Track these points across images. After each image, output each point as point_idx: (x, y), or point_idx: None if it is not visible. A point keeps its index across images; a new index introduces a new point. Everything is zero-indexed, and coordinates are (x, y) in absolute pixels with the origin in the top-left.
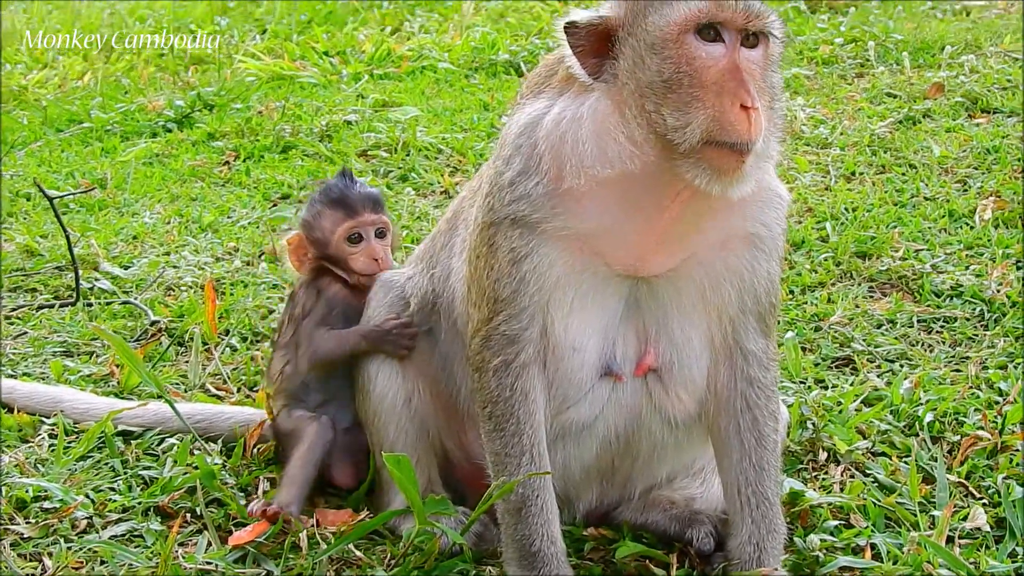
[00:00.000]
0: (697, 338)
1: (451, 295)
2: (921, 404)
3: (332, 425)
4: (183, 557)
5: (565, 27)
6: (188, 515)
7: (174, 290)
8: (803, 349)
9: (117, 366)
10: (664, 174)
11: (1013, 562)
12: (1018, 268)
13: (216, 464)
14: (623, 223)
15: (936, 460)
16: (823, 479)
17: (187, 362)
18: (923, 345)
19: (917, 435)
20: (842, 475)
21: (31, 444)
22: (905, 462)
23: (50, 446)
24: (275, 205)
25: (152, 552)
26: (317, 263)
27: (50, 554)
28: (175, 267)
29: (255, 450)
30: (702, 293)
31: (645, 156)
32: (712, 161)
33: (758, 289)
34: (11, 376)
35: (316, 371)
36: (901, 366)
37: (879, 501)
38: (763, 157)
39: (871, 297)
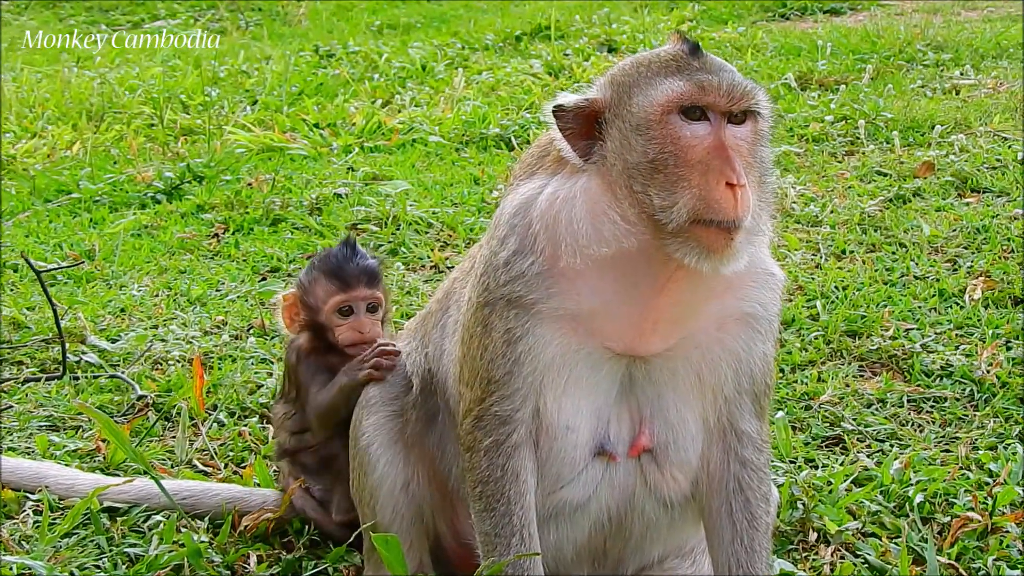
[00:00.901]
0: (692, 419)
1: (444, 375)
2: (911, 485)
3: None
4: None
5: (553, 110)
6: None
7: (162, 364)
8: (793, 428)
9: (103, 441)
10: (658, 253)
11: None
12: (1008, 349)
13: (203, 542)
14: (619, 303)
15: (926, 541)
16: (813, 560)
17: (174, 437)
18: (913, 425)
19: (907, 516)
20: (832, 556)
21: (16, 520)
22: (895, 543)
23: (35, 522)
24: (264, 279)
25: None
26: (307, 325)
27: None
28: (163, 341)
29: (243, 527)
30: (698, 373)
31: (639, 235)
32: (701, 240)
33: (754, 370)
34: None
35: (325, 426)
36: (891, 446)
37: None
38: (754, 233)
39: (861, 376)
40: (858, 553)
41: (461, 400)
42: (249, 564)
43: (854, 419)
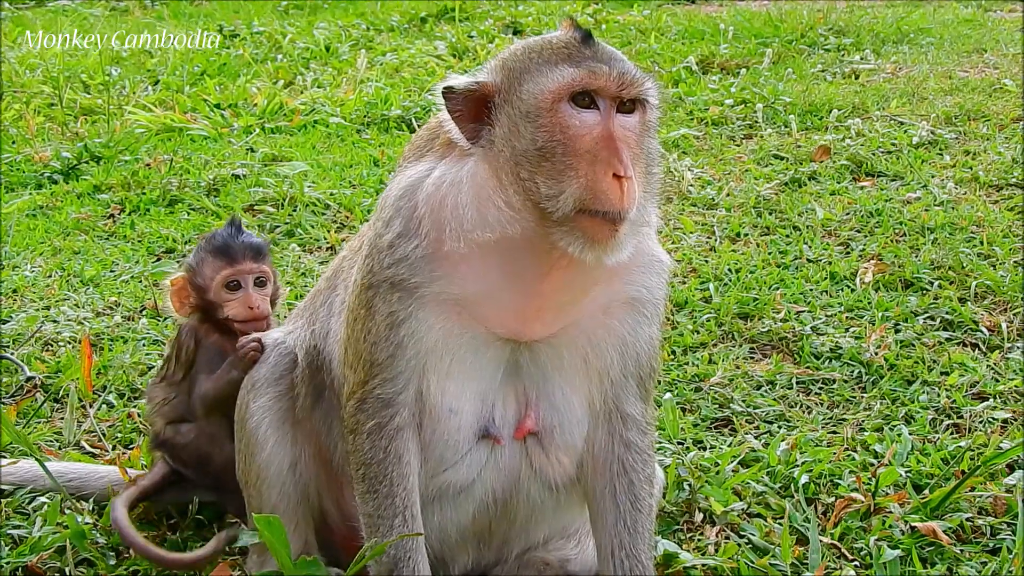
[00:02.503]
0: (578, 402)
1: (329, 354)
2: (797, 466)
3: None
4: None
5: (443, 92)
6: (58, 575)
7: (52, 345)
8: (683, 410)
9: None
10: (542, 241)
11: None
12: (897, 331)
13: (87, 524)
14: (503, 289)
15: (810, 521)
16: (698, 540)
17: (62, 419)
18: (801, 407)
19: (792, 497)
20: (717, 536)
21: None
22: (780, 523)
23: None
24: (159, 259)
25: None
26: (197, 308)
27: None
28: (54, 321)
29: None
30: (584, 357)
31: (524, 222)
32: (586, 230)
33: (640, 353)
34: None
35: (210, 414)
36: (779, 427)
37: (752, 563)
38: (639, 224)
39: (752, 358)
40: (742, 533)
41: (345, 382)
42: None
43: (743, 401)
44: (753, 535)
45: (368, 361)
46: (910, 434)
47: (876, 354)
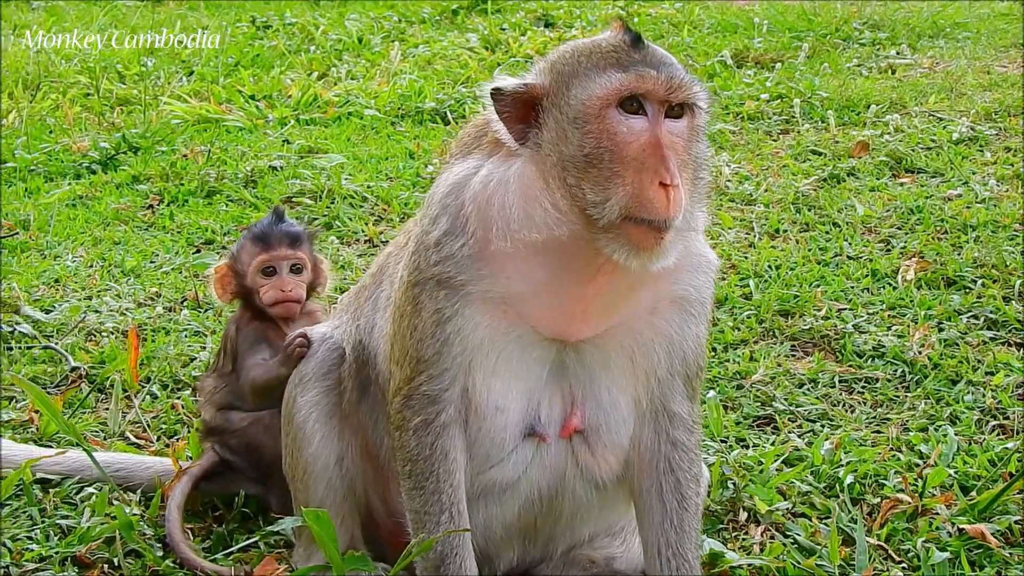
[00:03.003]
0: (624, 401)
1: (375, 349)
2: (842, 465)
3: None
4: None
5: (491, 93)
6: (106, 566)
7: (95, 336)
8: (725, 407)
9: (36, 412)
10: (588, 245)
11: None
12: (940, 330)
13: (135, 515)
14: (548, 290)
15: (856, 522)
16: (743, 540)
17: (107, 409)
18: (844, 405)
19: (837, 496)
20: (762, 536)
21: None
22: (825, 524)
23: None
24: (198, 251)
25: None
26: (237, 294)
27: None
28: (97, 312)
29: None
30: (631, 356)
31: (570, 224)
32: (631, 237)
33: (687, 352)
34: None
35: (256, 399)
36: (822, 426)
37: (799, 563)
38: (685, 230)
39: (793, 356)
40: (788, 533)
41: (391, 378)
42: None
43: (786, 399)
44: (799, 535)
45: (414, 357)
46: (956, 435)
47: (920, 353)
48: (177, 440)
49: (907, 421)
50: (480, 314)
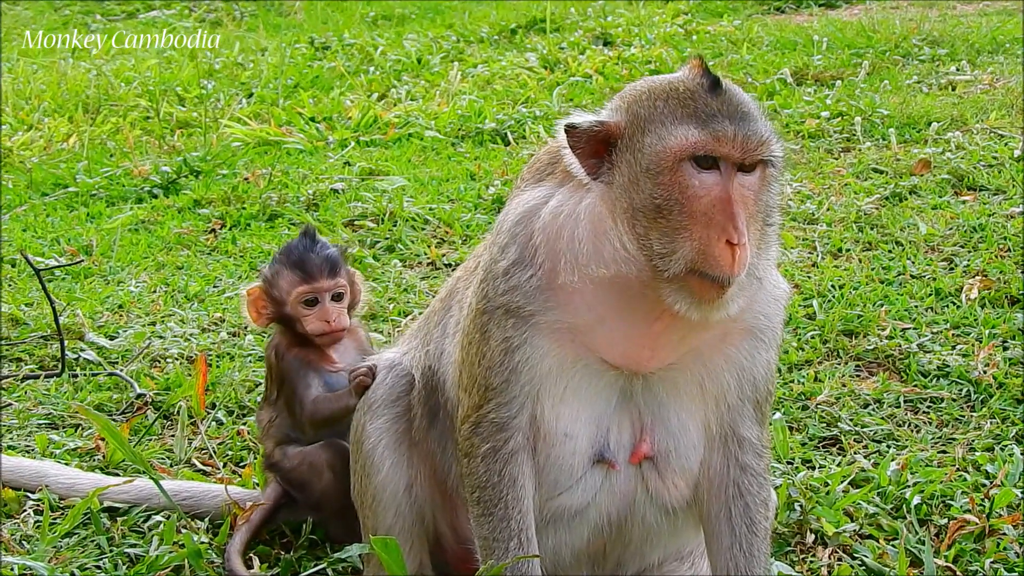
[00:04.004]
0: (693, 426)
1: (443, 375)
2: (908, 486)
3: (343, 447)
4: None
5: (565, 128)
6: None
7: (160, 362)
8: (790, 428)
9: (103, 440)
10: (654, 288)
11: None
12: (1005, 349)
13: (203, 543)
14: (616, 325)
15: (924, 543)
16: (811, 562)
17: (173, 436)
18: (910, 426)
19: (905, 518)
20: (830, 558)
21: (16, 520)
22: (893, 545)
23: (35, 522)
24: None
25: None
26: (273, 319)
27: None
28: (161, 338)
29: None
30: (700, 383)
31: (638, 264)
32: (693, 290)
33: (756, 377)
34: None
35: (318, 430)
36: (888, 447)
37: None
38: (750, 279)
39: (858, 376)
40: (855, 555)
41: (459, 405)
42: (251, 565)
43: (851, 419)
44: (867, 557)
45: (483, 385)
46: (1022, 454)
47: (984, 372)
48: (243, 466)
49: (973, 441)
50: (548, 343)
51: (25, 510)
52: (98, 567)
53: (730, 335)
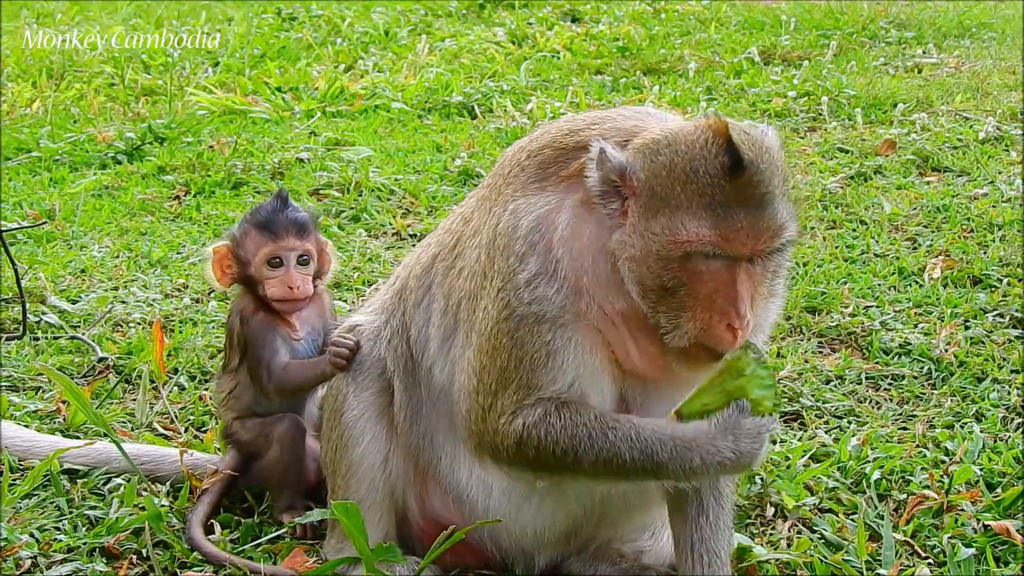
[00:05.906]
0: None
1: (429, 363)
2: (868, 462)
3: (298, 422)
4: None
5: (600, 153)
6: (134, 557)
7: (122, 326)
8: None
9: (63, 403)
10: None
11: None
12: (966, 328)
13: (163, 506)
14: (631, 343)
15: (882, 518)
16: (770, 535)
17: (135, 400)
18: (871, 402)
19: (864, 492)
20: (789, 531)
21: None
22: (852, 519)
23: None
24: None
25: None
26: (237, 279)
27: None
28: (123, 302)
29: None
30: (687, 381)
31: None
32: (690, 356)
33: None
34: None
35: (285, 399)
36: (849, 423)
37: (826, 558)
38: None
39: (820, 353)
40: (815, 528)
41: (487, 406)
42: (212, 530)
43: (812, 395)
44: (826, 530)
45: (524, 384)
46: (981, 432)
47: (946, 351)
48: (205, 431)
49: (933, 418)
50: (582, 336)
51: None
52: (57, 528)
53: None
